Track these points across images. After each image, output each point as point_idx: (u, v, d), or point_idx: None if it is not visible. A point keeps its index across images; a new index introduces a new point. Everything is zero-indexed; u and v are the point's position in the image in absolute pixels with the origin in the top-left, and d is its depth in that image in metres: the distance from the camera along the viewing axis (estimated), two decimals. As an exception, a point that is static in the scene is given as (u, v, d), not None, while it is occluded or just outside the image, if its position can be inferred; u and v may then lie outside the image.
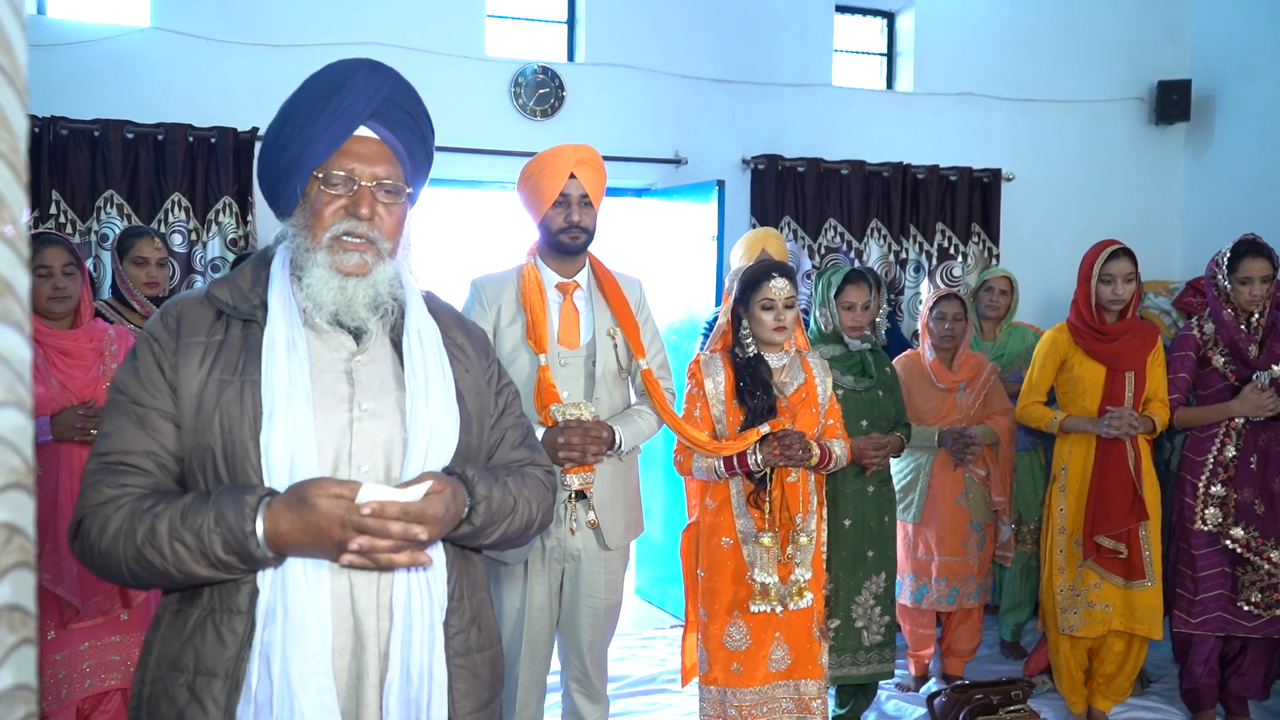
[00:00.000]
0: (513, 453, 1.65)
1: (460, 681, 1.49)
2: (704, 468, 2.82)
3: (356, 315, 1.48)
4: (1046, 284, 5.56)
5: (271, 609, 1.36)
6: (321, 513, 1.29)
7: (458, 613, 1.51)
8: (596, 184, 2.68)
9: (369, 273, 1.48)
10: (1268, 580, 3.35)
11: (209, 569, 1.34)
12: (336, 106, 1.47)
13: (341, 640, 1.40)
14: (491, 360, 1.67)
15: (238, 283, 1.51)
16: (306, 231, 1.48)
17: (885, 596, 3.36)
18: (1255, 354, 3.36)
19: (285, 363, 1.41)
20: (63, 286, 2.84)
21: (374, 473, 1.45)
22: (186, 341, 1.45)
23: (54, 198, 4.29)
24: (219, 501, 1.34)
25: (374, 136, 1.51)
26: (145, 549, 1.33)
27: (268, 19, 4.68)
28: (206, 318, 1.47)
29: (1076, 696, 3.59)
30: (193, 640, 1.40)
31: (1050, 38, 5.89)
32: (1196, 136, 6.03)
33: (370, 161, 1.49)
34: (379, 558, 1.32)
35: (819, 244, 5.33)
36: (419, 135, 1.57)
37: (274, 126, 1.52)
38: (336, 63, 1.53)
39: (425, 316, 1.56)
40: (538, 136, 4.91)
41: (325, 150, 1.47)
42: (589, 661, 2.78)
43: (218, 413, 1.41)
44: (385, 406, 1.48)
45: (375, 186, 1.49)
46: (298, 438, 1.38)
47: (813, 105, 5.51)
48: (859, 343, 3.37)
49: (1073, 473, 3.47)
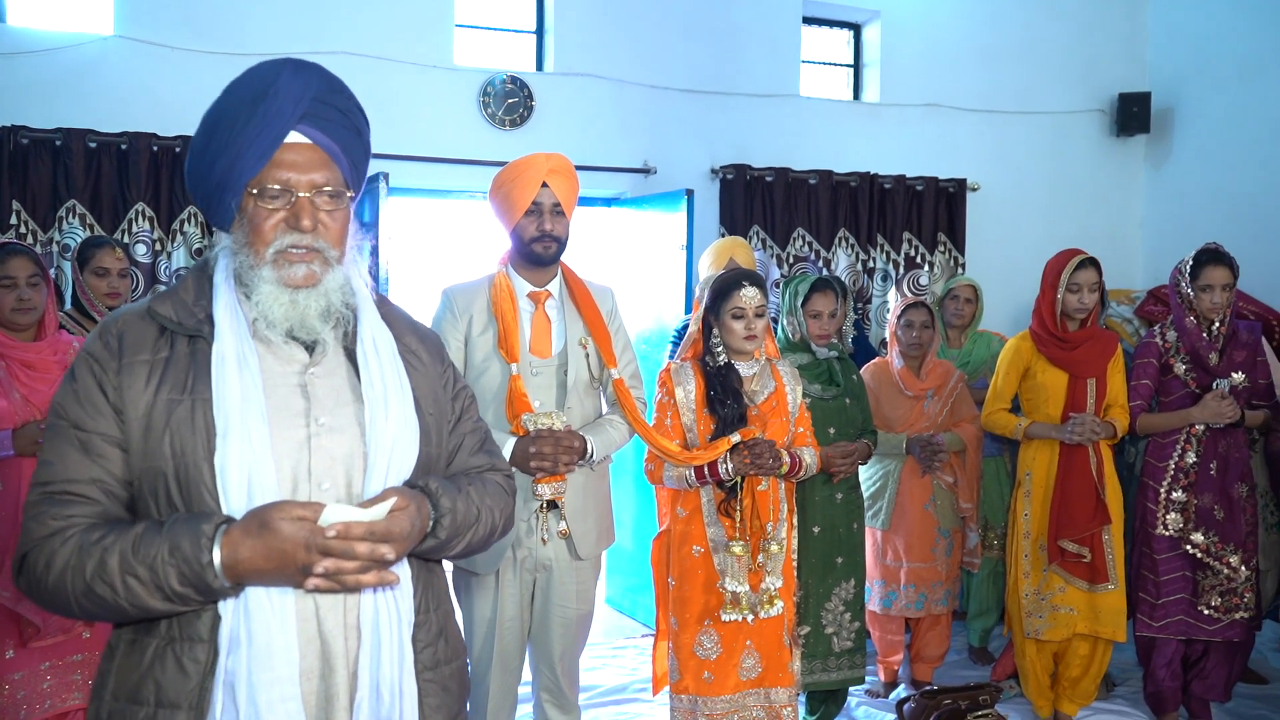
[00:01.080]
0: (472, 458, 1.61)
1: (430, 696, 1.47)
2: (675, 476, 2.83)
3: (311, 328, 1.43)
4: (1011, 292, 5.63)
5: (235, 635, 1.30)
6: (284, 537, 1.25)
7: (425, 626, 1.48)
8: (569, 193, 2.67)
9: (319, 283, 1.42)
10: (1227, 584, 3.41)
11: (164, 602, 1.28)
12: (263, 115, 1.38)
13: (309, 663, 1.36)
14: (446, 364, 1.63)
15: (180, 297, 1.44)
16: (248, 248, 1.41)
17: (855, 603, 3.38)
18: (1216, 361, 3.42)
19: (237, 379, 1.35)
20: (27, 298, 2.80)
21: (334, 490, 1.40)
22: (130, 360, 1.37)
23: (14, 208, 4.23)
24: (173, 532, 1.27)
25: (306, 141, 1.43)
26: (95, 584, 1.27)
27: (233, 27, 4.65)
28: (150, 334, 1.40)
29: (1043, 700, 3.63)
30: (152, 671, 1.34)
31: (1014, 50, 5.99)
32: (1156, 148, 6.14)
33: (305, 169, 1.42)
34: (345, 579, 1.28)
35: (787, 253, 5.36)
36: (354, 130, 1.49)
37: (198, 141, 1.45)
38: (257, 67, 1.44)
39: (379, 323, 1.50)
40: (507, 146, 4.91)
41: (256, 162, 1.39)
42: (560, 672, 2.77)
43: (168, 434, 1.34)
44: (343, 420, 1.42)
45: (314, 195, 1.42)
46: (254, 457, 1.32)
47: (781, 115, 5.55)
48: (826, 351, 3.39)
49: (1037, 478, 3.51)
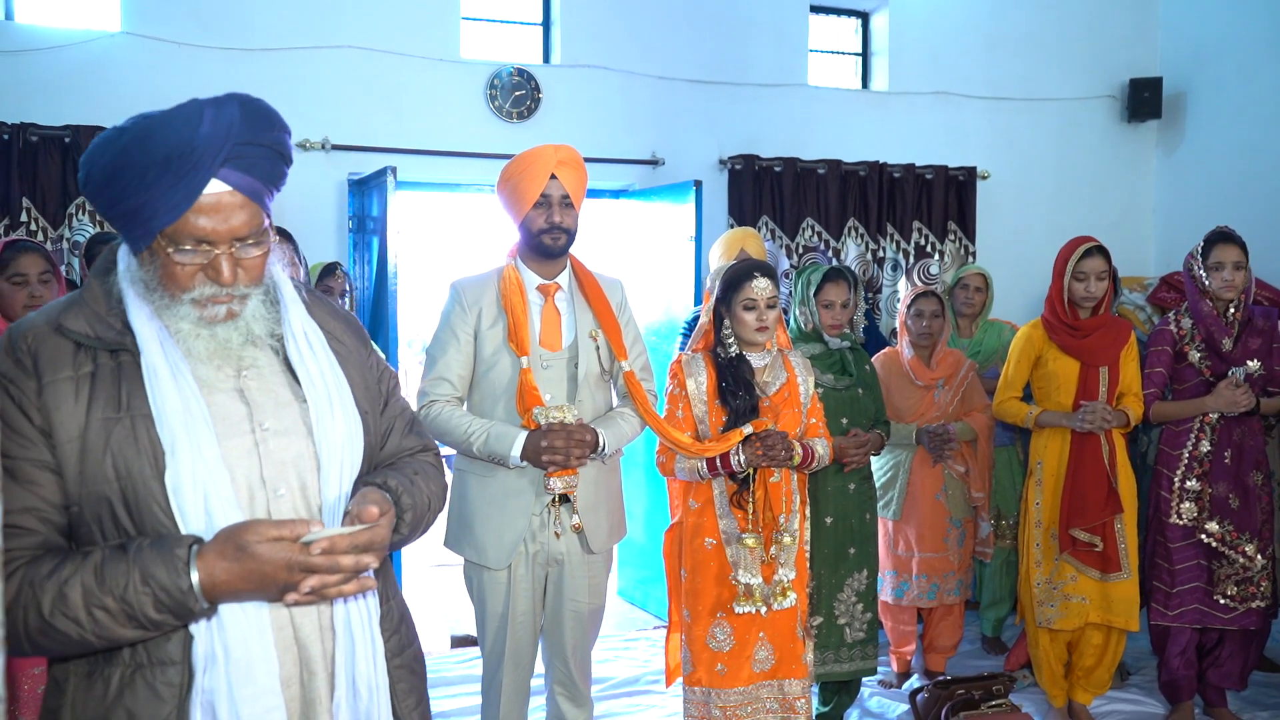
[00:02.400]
0: (404, 440, 1.59)
1: (400, 681, 1.49)
2: (687, 469, 2.82)
3: (234, 354, 1.38)
4: (1022, 281, 5.60)
5: (210, 654, 1.27)
6: (264, 559, 1.21)
7: (388, 615, 1.49)
8: (577, 185, 2.66)
9: (239, 316, 1.36)
10: (1243, 574, 3.38)
11: (136, 631, 1.23)
12: (179, 169, 1.26)
13: (288, 670, 1.35)
14: (369, 349, 1.59)
15: (91, 308, 1.34)
16: (162, 289, 1.33)
17: (867, 594, 3.37)
18: (1230, 348, 3.39)
19: (175, 391, 1.29)
20: (39, 295, 2.81)
21: (290, 495, 1.37)
22: (51, 380, 1.28)
23: (24, 205, 4.24)
24: (141, 559, 1.22)
25: (226, 189, 1.31)
26: (55, 619, 1.20)
27: (240, 23, 4.65)
28: (65, 350, 1.31)
29: (1057, 690, 3.61)
30: (122, 701, 1.28)
31: (1023, 37, 5.94)
32: (1168, 133, 6.09)
33: (225, 218, 1.30)
34: (328, 592, 1.26)
35: (796, 243, 5.34)
36: (278, 156, 1.38)
37: (98, 174, 1.31)
38: (173, 112, 1.28)
39: (308, 321, 1.45)
40: (514, 139, 4.91)
41: (169, 214, 1.28)
42: (573, 665, 2.77)
43: (109, 456, 1.27)
44: (287, 422, 1.39)
45: (234, 246, 1.33)
46: (208, 470, 1.28)
47: (789, 105, 5.52)
48: (839, 341, 3.38)
49: (1048, 467, 3.50)
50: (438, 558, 5.39)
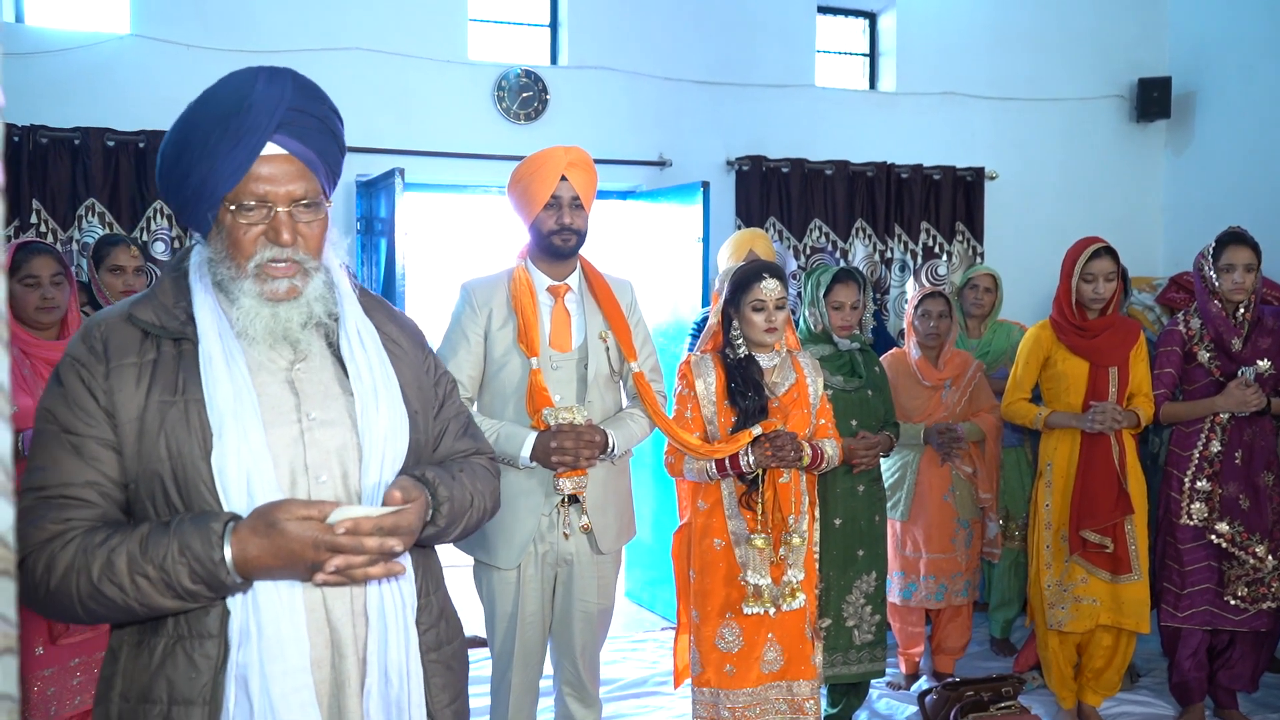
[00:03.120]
0: (456, 443, 1.64)
1: (435, 676, 1.51)
2: (696, 469, 2.82)
3: (293, 337, 1.44)
4: (1030, 281, 5.59)
5: (245, 629, 1.32)
6: (292, 536, 1.26)
7: (426, 609, 1.53)
8: (588, 186, 2.67)
9: (300, 295, 1.43)
10: (1253, 574, 3.37)
11: (174, 600, 1.30)
12: (238, 129, 1.36)
13: (319, 652, 1.39)
14: (427, 352, 1.65)
15: (160, 300, 1.44)
16: (229, 260, 1.41)
17: (876, 595, 3.36)
18: (1240, 348, 3.38)
19: (227, 378, 1.36)
20: (51, 297, 2.81)
21: (331, 482, 1.42)
22: (118, 364, 1.38)
23: (35, 207, 4.26)
24: (181, 531, 1.29)
25: (283, 153, 1.41)
26: (103, 584, 1.28)
27: (248, 25, 4.66)
28: (133, 338, 1.40)
29: (1066, 691, 3.60)
30: (164, 669, 1.35)
31: (1031, 37, 5.93)
32: (1177, 133, 6.07)
33: (283, 181, 1.40)
34: (354, 574, 1.30)
35: (804, 244, 5.34)
36: (330, 134, 1.47)
37: (169, 152, 1.42)
38: (229, 78, 1.41)
39: (362, 316, 1.52)
40: (521, 140, 4.91)
41: (231, 177, 1.37)
42: (582, 665, 2.77)
43: (163, 436, 1.35)
44: (334, 413, 1.44)
45: (292, 208, 1.41)
46: (251, 454, 1.34)
47: (796, 106, 5.52)
48: (848, 342, 3.37)
49: (1058, 468, 3.49)
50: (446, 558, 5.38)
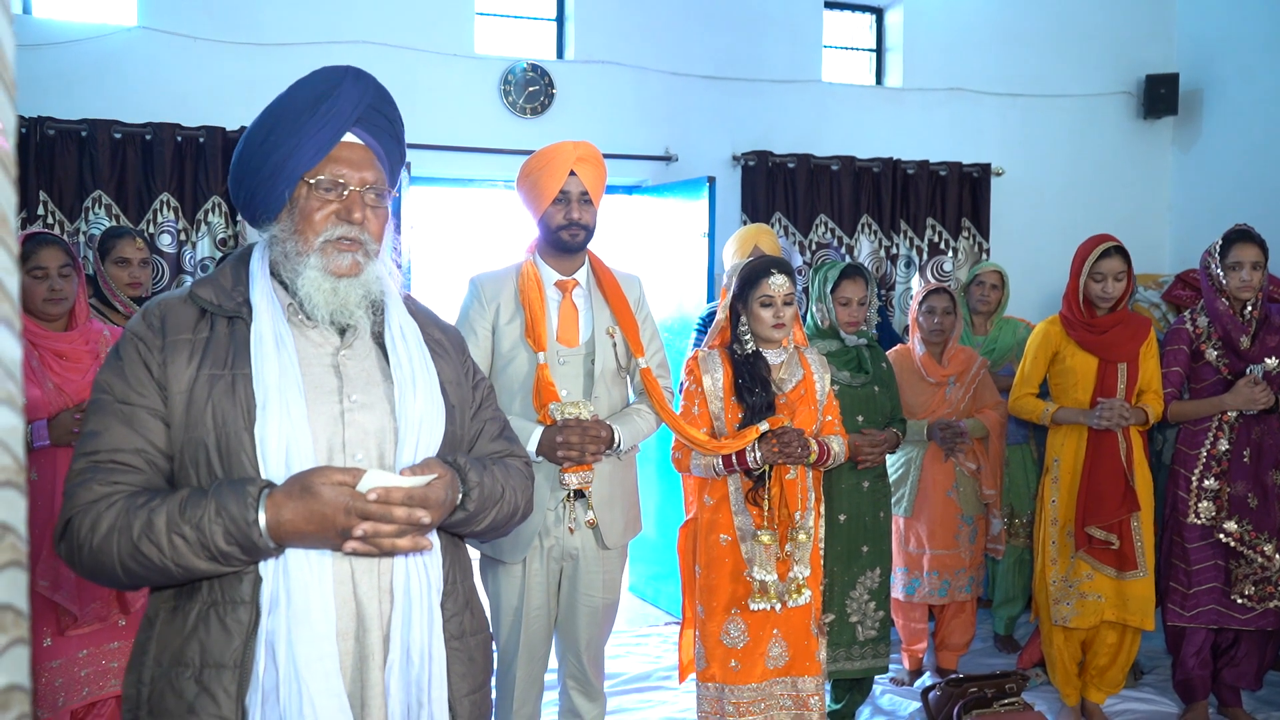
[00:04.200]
0: (492, 444, 1.70)
1: (457, 663, 1.54)
2: (702, 465, 2.82)
3: (350, 313, 1.52)
4: (1037, 278, 5.58)
5: (275, 596, 1.37)
6: (325, 500, 1.31)
7: (452, 596, 1.56)
8: (596, 181, 2.66)
9: (361, 273, 1.52)
10: (1261, 573, 3.36)
11: (209, 562, 1.34)
12: (325, 113, 1.50)
13: (345, 624, 1.43)
14: (467, 357, 1.73)
15: (220, 282, 1.53)
16: (296, 236, 1.51)
17: (880, 592, 3.36)
18: (1247, 346, 3.37)
19: (275, 356, 1.44)
20: (59, 288, 2.81)
21: (368, 460, 1.48)
22: (173, 339, 1.46)
23: (41, 199, 4.26)
24: (219, 493, 1.34)
25: (359, 142, 1.56)
26: (142, 543, 1.33)
27: (255, 18, 4.66)
28: (190, 316, 1.49)
29: (1070, 688, 3.60)
30: (196, 634, 1.40)
31: (1038, 32, 5.91)
32: (1184, 130, 6.05)
33: (358, 167, 1.53)
34: (382, 543, 1.34)
35: (810, 240, 5.33)
36: (395, 138, 1.62)
37: (257, 132, 1.53)
38: (322, 70, 1.55)
39: (405, 315, 1.61)
40: (528, 134, 4.91)
41: (314, 156, 1.50)
42: (586, 660, 2.77)
43: (210, 406, 1.42)
44: (374, 398, 1.51)
45: (364, 191, 1.53)
46: (293, 428, 1.40)
47: (802, 101, 5.51)
48: (855, 338, 3.37)
49: (1065, 464, 3.48)
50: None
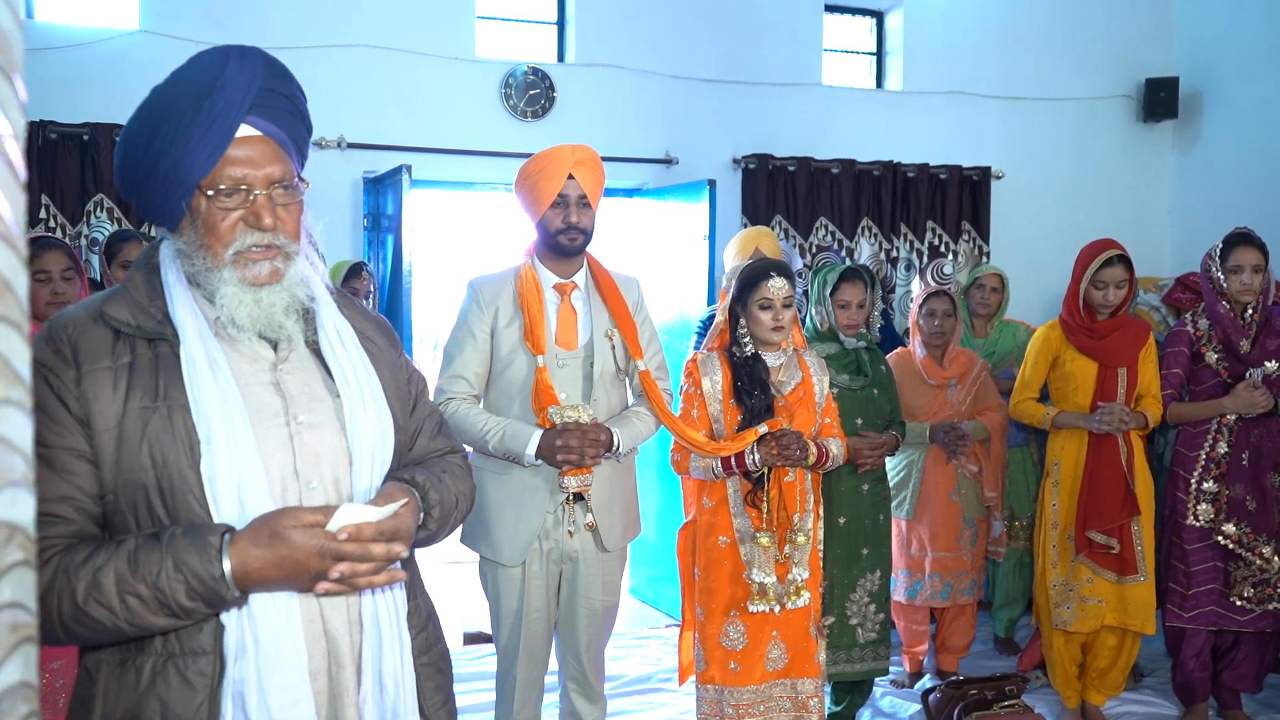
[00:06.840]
0: (432, 442, 1.60)
1: (428, 679, 1.49)
2: (701, 467, 2.82)
3: (278, 325, 1.38)
4: (1037, 281, 5.58)
5: (241, 644, 1.27)
6: (296, 545, 1.22)
7: (415, 613, 1.49)
8: (595, 185, 2.66)
9: (282, 278, 1.38)
10: (1260, 575, 3.37)
11: (168, 619, 1.23)
12: (211, 110, 1.30)
13: (317, 663, 1.35)
14: (398, 349, 1.61)
15: (133, 298, 1.36)
16: (204, 250, 1.35)
17: (880, 594, 3.37)
18: (1248, 349, 3.38)
19: (212, 382, 1.30)
20: (61, 291, 2.83)
21: (323, 488, 1.37)
22: (90, 369, 1.29)
23: (44, 202, 4.27)
24: (173, 546, 1.22)
25: (257, 134, 1.36)
26: (89, 606, 1.20)
27: (257, 21, 4.67)
28: (105, 340, 1.32)
29: (1070, 691, 3.60)
30: (154, 690, 1.28)
31: (1039, 36, 5.92)
32: (1184, 133, 6.06)
33: (260, 164, 1.35)
34: (359, 582, 1.26)
35: (810, 243, 5.34)
36: (298, 114, 1.43)
37: (138, 135, 1.34)
38: (200, 56, 1.35)
39: (337, 315, 1.47)
40: (528, 137, 4.92)
41: (207, 161, 1.31)
42: (586, 662, 2.78)
43: (145, 444, 1.28)
44: (321, 416, 1.40)
45: (271, 190, 1.36)
46: (243, 461, 1.28)
47: (803, 104, 5.52)
48: (854, 341, 3.37)
49: (1065, 468, 3.48)
50: (451, 555, 5.40)
